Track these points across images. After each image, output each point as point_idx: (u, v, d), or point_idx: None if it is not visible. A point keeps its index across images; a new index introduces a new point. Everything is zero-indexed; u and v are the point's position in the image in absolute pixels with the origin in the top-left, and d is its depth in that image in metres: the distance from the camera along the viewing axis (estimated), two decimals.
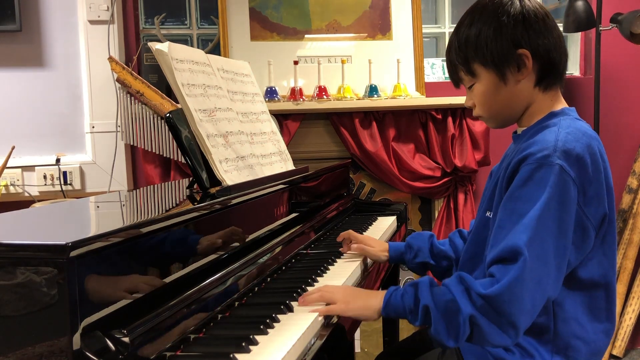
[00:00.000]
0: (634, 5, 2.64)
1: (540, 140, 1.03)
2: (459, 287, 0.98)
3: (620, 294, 2.78)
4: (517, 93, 1.10)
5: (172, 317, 0.89)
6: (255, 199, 1.29)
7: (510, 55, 1.07)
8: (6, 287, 0.73)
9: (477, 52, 1.09)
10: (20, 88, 2.43)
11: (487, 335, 0.96)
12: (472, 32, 1.09)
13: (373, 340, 2.60)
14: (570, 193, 0.98)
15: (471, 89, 1.14)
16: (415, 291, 1.02)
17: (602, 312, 1.09)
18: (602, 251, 1.07)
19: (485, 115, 1.15)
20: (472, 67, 1.11)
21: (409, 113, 2.52)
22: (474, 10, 1.12)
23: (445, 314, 0.97)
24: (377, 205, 2.19)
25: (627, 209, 2.80)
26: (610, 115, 2.83)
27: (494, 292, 0.94)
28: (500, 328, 0.95)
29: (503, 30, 1.07)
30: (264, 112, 1.63)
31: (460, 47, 1.12)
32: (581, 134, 1.03)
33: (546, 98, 1.12)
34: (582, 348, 1.07)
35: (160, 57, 1.24)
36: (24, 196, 2.39)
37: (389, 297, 1.05)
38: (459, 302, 0.96)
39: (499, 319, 0.95)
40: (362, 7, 2.59)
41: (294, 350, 0.89)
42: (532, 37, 1.07)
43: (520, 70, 1.08)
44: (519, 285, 0.94)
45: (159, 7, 2.61)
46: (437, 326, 0.98)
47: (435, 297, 0.99)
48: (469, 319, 0.96)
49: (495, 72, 1.09)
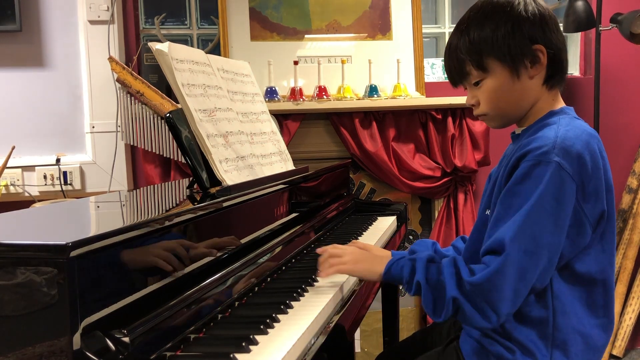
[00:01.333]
0: (634, 5, 2.64)
1: (540, 137, 1.04)
2: (450, 269, 1.05)
3: (620, 294, 2.78)
4: (527, 90, 1.11)
5: (172, 317, 0.89)
6: (255, 199, 1.29)
7: (526, 50, 1.09)
8: (6, 287, 0.73)
9: (494, 47, 1.09)
10: (20, 88, 2.43)
11: (469, 318, 1.03)
12: (487, 28, 1.10)
13: (373, 340, 2.60)
14: (566, 189, 1.00)
15: (478, 85, 1.14)
16: (413, 265, 1.10)
17: (599, 308, 1.10)
18: (601, 247, 1.08)
19: (491, 113, 1.15)
20: (486, 62, 1.11)
21: (409, 113, 2.52)
22: (483, 9, 1.12)
23: (434, 292, 1.05)
24: (377, 205, 2.19)
25: (627, 209, 2.80)
26: (610, 115, 2.82)
27: (477, 280, 1.01)
28: (480, 313, 1.02)
29: (521, 25, 1.08)
30: (264, 112, 1.63)
31: (472, 43, 1.11)
32: (580, 132, 1.05)
33: (549, 98, 1.14)
34: (580, 343, 1.08)
35: (160, 57, 1.24)
36: (24, 196, 2.39)
37: (390, 265, 1.14)
38: (447, 283, 1.04)
39: (481, 304, 1.01)
40: (362, 7, 2.60)
41: (294, 350, 0.89)
42: (547, 33, 1.09)
43: (534, 65, 1.10)
44: (499, 276, 0.99)
45: (159, 7, 2.61)
46: (425, 301, 1.06)
47: (428, 274, 1.07)
48: (452, 300, 1.02)
49: (510, 67, 1.10)
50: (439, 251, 1.40)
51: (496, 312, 1.01)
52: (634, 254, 2.78)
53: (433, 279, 1.06)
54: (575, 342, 1.08)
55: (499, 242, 1.01)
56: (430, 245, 1.41)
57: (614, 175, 1.10)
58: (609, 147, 2.78)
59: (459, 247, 1.39)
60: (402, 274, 1.11)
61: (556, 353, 1.07)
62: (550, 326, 1.07)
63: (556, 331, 1.07)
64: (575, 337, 1.08)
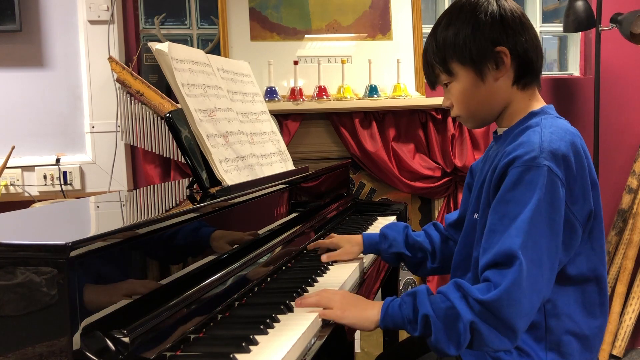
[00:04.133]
0: (634, 5, 2.64)
1: (525, 142, 1.03)
2: (456, 293, 0.98)
3: (620, 294, 2.78)
4: (495, 91, 1.11)
5: (172, 317, 0.89)
6: (255, 199, 1.29)
7: (488, 52, 1.08)
8: (6, 287, 0.73)
9: (456, 51, 1.10)
10: (20, 88, 2.43)
11: (487, 340, 0.96)
12: (450, 31, 1.11)
13: (373, 340, 2.60)
14: (559, 193, 0.99)
15: (448, 88, 1.15)
16: (414, 300, 1.01)
17: (595, 307, 1.09)
18: (590, 246, 1.08)
19: (463, 115, 1.16)
20: (450, 65, 1.12)
21: (409, 113, 2.52)
22: (451, 12, 1.14)
23: (445, 322, 0.96)
24: (377, 205, 2.19)
25: (627, 209, 2.80)
26: (610, 115, 2.82)
27: (493, 297, 0.94)
28: (499, 332, 0.95)
29: (481, 28, 1.08)
30: (264, 112, 1.63)
31: (438, 47, 1.12)
32: (564, 132, 1.05)
33: (524, 97, 1.13)
34: (575, 344, 1.08)
35: (160, 57, 1.24)
36: (24, 196, 2.39)
37: (387, 308, 1.03)
38: (459, 308, 0.96)
39: (499, 323, 0.95)
40: (362, 7, 2.59)
41: (294, 350, 0.89)
42: (510, 35, 1.09)
43: (498, 68, 1.09)
44: (517, 289, 0.94)
45: (159, 7, 2.60)
46: (437, 334, 0.97)
47: (434, 305, 0.98)
48: (469, 325, 0.95)
49: (474, 70, 1.10)
50: (410, 235, 1.39)
51: (513, 329, 0.95)
52: (634, 254, 2.78)
53: (441, 309, 0.97)
54: (570, 343, 1.07)
55: (505, 253, 0.96)
56: (402, 228, 1.41)
57: (614, 175, 1.11)
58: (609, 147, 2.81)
59: (432, 235, 1.39)
60: (402, 313, 1.01)
61: (551, 355, 1.07)
62: (543, 329, 1.06)
63: (549, 334, 1.07)
64: (569, 338, 1.07)
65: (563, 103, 2.82)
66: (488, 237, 1.02)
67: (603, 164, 2.76)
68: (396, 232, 1.41)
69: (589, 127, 2.63)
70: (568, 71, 2.98)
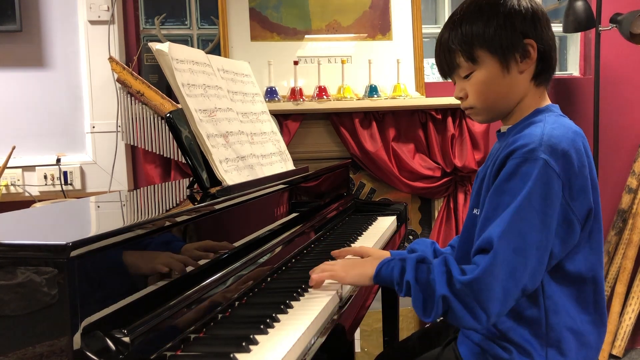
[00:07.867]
0: (633, 5, 2.64)
1: (526, 135, 1.05)
2: (441, 267, 1.04)
3: (620, 294, 2.78)
4: (516, 84, 1.12)
5: (172, 317, 0.89)
6: (256, 199, 1.29)
7: (518, 43, 1.10)
8: (6, 287, 0.74)
9: (486, 39, 1.10)
10: (21, 88, 2.43)
11: (458, 317, 1.01)
12: (480, 21, 1.11)
13: (373, 340, 2.60)
14: (554, 187, 1.00)
15: (468, 78, 1.14)
16: (403, 265, 1.08)
17: (589, 305, 1.11)
18: (589, 246, 1.09)
19: (478, 106, 1.15)
20: (476, 53, 1.11)
21: (409, 113, 2.52)
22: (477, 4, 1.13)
23: (424, 291, 1.04)
24: (377, 205, 2.19)
25: (627, 209, 2.80)
26: (610, 115, 2.83)
27: (468, 279, 1.00)
28: (470, 313, 1.00)
29: (513, 19, 1.10)
30: (264, 112, 1.63)
31: (464, 35, 1.12)
32: (566, 130, 1.06)
33: (536, 94, 1.14)
34: (573, 341, 1.09)
35: (160, 57, 1.25)
36: (25, 196, 2.39)
37: (380, 267, 1.13)
38: (437, 282, 1.02)
39: (471, 304, 0.99)
40: (362, 7, 2.60)
41: (294, 349, 0.89)
42: (538, 29, 1.11)
43: (523, 60, 1.10)
44: (488, 275, 0.98)
45: (159, 7, 2.61)
46: (415, 301, 1.04)
47: (418, 274, 1.05)
48: (442, 299, 1.01)
49: (500, 59, 1.10)
50: (438, 251, 1.40)
51: (486, 312, 0.99)
52: (634, 254, 2.78)
53: (423, 278, 1.04)
54: (569, 340, 1.08)
55: (487, 240, 1.01)
56: (429, 244, 1.41)
57: (613, 175, 1.11)
58: (609, 147, 2.81)
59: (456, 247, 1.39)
60: (392, 275, 1.10)
61: (551, 352, 1.08)
62: (544, 326, 1.08)
63: (550, 330, 1.08)
64: (568, 335, 1.08)
65: (563, 103, 2.81)
66: (482, 225, 1.05)
67: (603, 164, 2.76)
68: (424, 247, 1.41)
69: (589, 127, 2.63)
70: (568, 71, 2.98)
